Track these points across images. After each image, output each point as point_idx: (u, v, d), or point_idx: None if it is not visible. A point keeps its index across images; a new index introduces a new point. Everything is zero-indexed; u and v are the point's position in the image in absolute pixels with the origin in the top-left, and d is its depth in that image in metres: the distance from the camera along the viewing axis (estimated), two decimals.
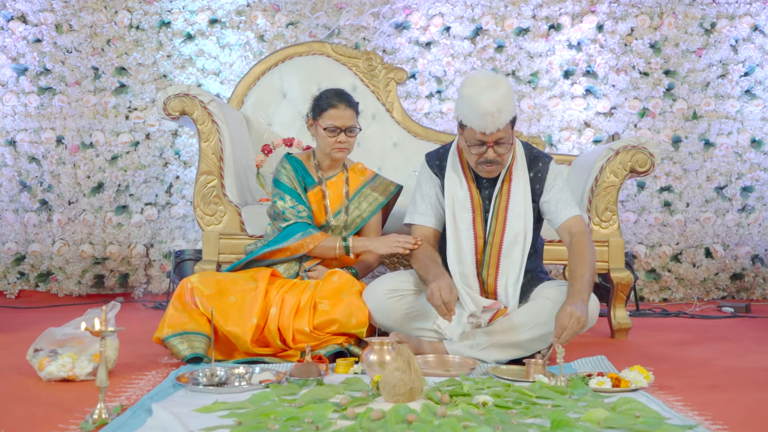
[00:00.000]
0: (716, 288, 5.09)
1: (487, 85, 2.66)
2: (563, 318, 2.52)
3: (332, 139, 3.10)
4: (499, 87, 2.65)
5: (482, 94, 2.62)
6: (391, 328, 2.84)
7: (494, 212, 2.86)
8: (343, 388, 2.28)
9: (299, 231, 3.03)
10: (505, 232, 2.85)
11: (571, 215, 2.87)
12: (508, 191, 2.86)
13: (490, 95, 2.61)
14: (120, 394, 2.27)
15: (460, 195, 2.88)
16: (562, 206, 2.88)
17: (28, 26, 4.99)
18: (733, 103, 5.11)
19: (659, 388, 2.40)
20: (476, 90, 2.65)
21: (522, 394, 2.19)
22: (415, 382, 2.09)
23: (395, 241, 2.91)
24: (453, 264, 2.84)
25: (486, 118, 2.62)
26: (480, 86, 2.66)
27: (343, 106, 3.11)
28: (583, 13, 5.11)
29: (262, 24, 5.04)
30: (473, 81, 2.71)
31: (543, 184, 2.90)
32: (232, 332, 2.76)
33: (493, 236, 2.85)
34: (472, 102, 2.63)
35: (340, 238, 3.04)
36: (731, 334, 3.70)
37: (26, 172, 4.98)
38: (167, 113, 3.46)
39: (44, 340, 2.52)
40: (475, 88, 2.66)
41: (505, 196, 2.86)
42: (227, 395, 2.23)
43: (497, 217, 2.85)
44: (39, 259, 4.98)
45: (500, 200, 2.86)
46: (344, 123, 3.10)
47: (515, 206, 2.86)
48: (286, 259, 3.05)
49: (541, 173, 2.91)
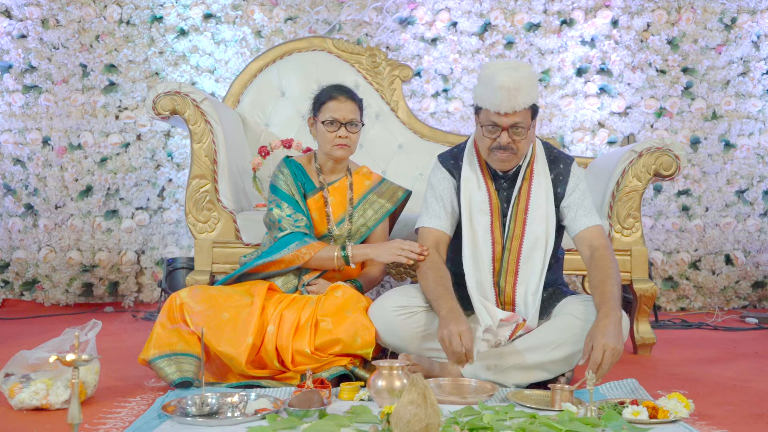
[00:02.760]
0: (737, 297, 4.90)
1: (507, 65, 2.56)
2: (597, 353, 2.26)
3: (332, 134, 2.86)
4: (521, 68, 2.53)
5: (500, 71, 2.49)
6: (400, 348, 2.59)
7: (513, 214, 2.65)
8: (348, 420, 2.05)
9: (294, 241, 2.78)
10: (525, 236, 2.63)
11: (591, 224, 2.65)
12: (528, 191, 2.65)
13: (509, 72, 2.47)
14: (98, 427, 2.05)
15: (477, 197, 2.66)
16: (583, 213, 2.66)
17: (12, 21, 4.80)
18: (754, 102, 4.93)
19: (700, 418, 2.19)
20: (495, 69, 2.52)
21: (550, 428, 1.96)
22: (431, 418, 1.84)
23: (399, 248, 2.69)
24: (469, 271, 2.62)
25: (501, 92, 2.45)
26: (500, 66, 2.54)
27: (344, 98, 2.89)
28: (597, 7, 4.93)
29: (260, 19, 4.86)
30: (493, 63, 2.67)
31: (565, 186, 2.69)
32: (226, 353, 2.52)
33: (511, 240, 2.63)
34: (488, 78, 2.49)
35: (339, 247, 2.80)
36: (762, 349, 3.49)
37: (10, 174, 4.79)
38: (157, 113, 3.26)
39: (16, 363, 2.29)
40: (493, 68, 2.53)
41: (524, 196, 2.65)
42: (218, 428, 2.01)
43: (516, 219, 2.64)
44: (24, 267, 4.77)
45: (519, 201, 2.65)
46: (344, 116, 2.86)
47: (536, 208, 2.64)
48: (282, 272, 2.80)
49: (563, 175, 2.70)
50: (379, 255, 2.77)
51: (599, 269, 2.54)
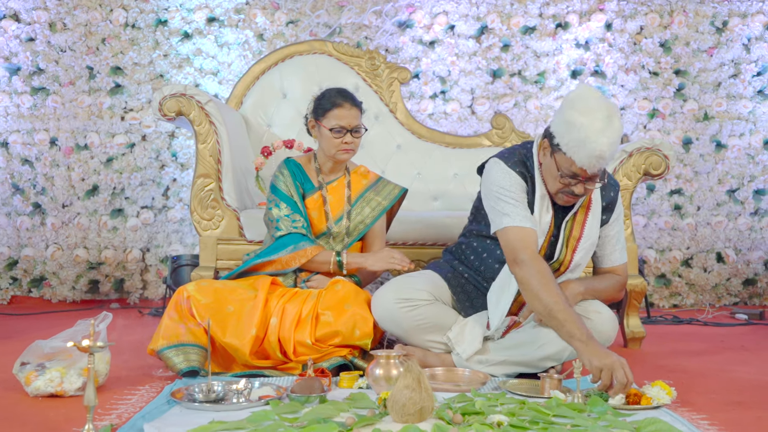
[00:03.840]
0: (728, 294, 4.99)
1: (603, 117, 2.34)
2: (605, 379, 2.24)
3: (338, 140, 2.96)
4: (614, 121, 2.34)
5: (600, 134, 2.32)
6: (398, 337, 2.71)
7: (565, 240, 2.60)
8: (347, 405, 2.16)
9: (291, 244, 2.89)
10: (572, 263, 2.62)
11: (620, 263, 2.72)
12: (583, 221, 2.61)
13: (608, 135, 2.32)
14: (110, 412, 2.15)
15: (545, 219, 2.58)
16: (619, 248, 2.71)
17: (20, 25, 4.89)
18: (745, 104, 5.01)
19: (682, 405, 2.30)
20: (592, 124, 2.33)
21: (538, 412, 2.07)
22: (425, 401, 1.96)
23: (390, 257, 2.85)
24: (503, 280, 2.59)
25: (596, 161, 2.35)
26: (596, 118, 2.34)
27: (349, 105, 2.97)
28: (591, 11, 5.02)
29: (262, 22, 4.95)
30: (587, 108, 2.36)
31: (610, 215, 2.68)
32: (230, 344, 2.64)
33: (560, 264, 2.62)
34: (585, 138, 2.33)
35: (334, 254, 2.90)
36: (748, 343, 3.60)
37: (19, 174, 4.88)
38: (163, 114, 3.36)
39: (31, 353, 2.40)
40: (590, 118, 2.34)
41: (579, 225, 2.61)
42: (225, 413, 2.11)
43: (567, 245, 2.61)
44: (32, 264, 4.87)
45: (573, 228, 2.61)
46: (350, 123, 2.96)
47: (588, 238, 2.61)
48: (279, 272, 2.91)
49: (611, 204, 2.68)
50: (372, 264, 2.89)
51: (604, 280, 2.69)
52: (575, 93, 2.44)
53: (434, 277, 2.79)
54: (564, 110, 2.41)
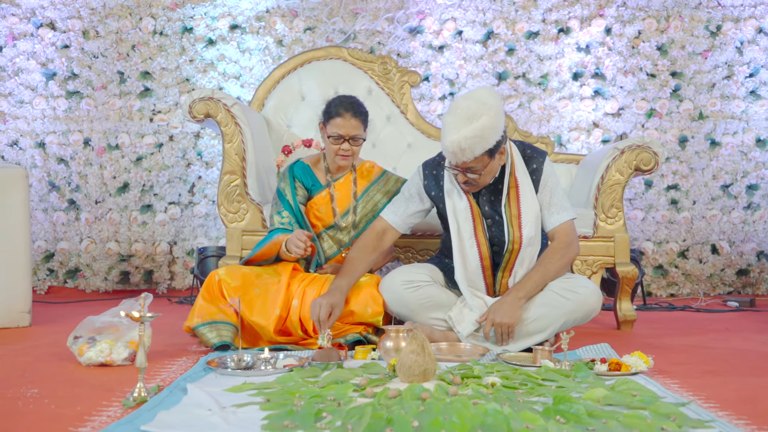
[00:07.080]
0: (722, 283, 5.19)
1: (463, 118, 2.66)
2: (486, 326, 2.81)
3: (336, 147, 3.18)
4: (474, 122, 2.64)
5: (451, 131, 2.66)
6: (406, 317, 2.99)
7: (509, 221, 2.89)
8: (362, 371, 2.44)
9: (269, 238, 3.12)
10: (523, 239, 2.91)
11: (557, 223, 2.95)
12: (516, 198, 2.91)
13: (463, 134, 2.64)
14: (155, 377, 2.42)
15: (460, 206, 2.94)
16: (554, 210, 2.94)
17: (56, 33, 5.13)
18: (738, 104, 5.20)
19: (658, 373, 2.51)
20: (450, 122, 2.68)
21: (528, 377, 2.34)
22: (428, 364, 2.25)
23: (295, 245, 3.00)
24: (458, 268, 2.94)
25: (452, 155, 2.71)
26: (456, 117, 2.68)
27: (349, 116, 3.14)
28: (591, 16, 5.21)
29: (281, 29, 5.17)
30: (453, 108, 2.71)
31: (538, 183, 2.95)
32: (257, 322, 2.90)
33: (513, 244, 2.90)
34: (444, 134, 2.70)
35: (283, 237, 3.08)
36: (733, 326, 3.81)
37: (55, 173, 5.13)
38: (192, 116, 3.59)
39: (83, 327, 2.67)
40: (451, 117, 2.69)
41: (515, 202, 2.90)
42: (255, 378, 2.38)
43: (512, 224, 2.89)
44: (67, 257, 5.13)
45: (510, 208, 2.91)
46: (348, 132, 3.15)
47: (527, 212, 2.90)
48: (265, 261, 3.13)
49: (536, 173, 2.95)
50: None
51: (540, 259, 2.94)
52: (457, 98, 2.88)
53: (430, 265, 3.12)
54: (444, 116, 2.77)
